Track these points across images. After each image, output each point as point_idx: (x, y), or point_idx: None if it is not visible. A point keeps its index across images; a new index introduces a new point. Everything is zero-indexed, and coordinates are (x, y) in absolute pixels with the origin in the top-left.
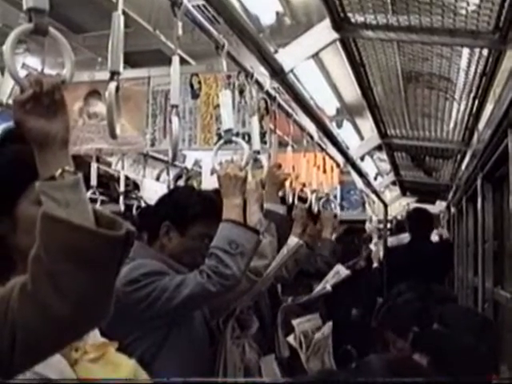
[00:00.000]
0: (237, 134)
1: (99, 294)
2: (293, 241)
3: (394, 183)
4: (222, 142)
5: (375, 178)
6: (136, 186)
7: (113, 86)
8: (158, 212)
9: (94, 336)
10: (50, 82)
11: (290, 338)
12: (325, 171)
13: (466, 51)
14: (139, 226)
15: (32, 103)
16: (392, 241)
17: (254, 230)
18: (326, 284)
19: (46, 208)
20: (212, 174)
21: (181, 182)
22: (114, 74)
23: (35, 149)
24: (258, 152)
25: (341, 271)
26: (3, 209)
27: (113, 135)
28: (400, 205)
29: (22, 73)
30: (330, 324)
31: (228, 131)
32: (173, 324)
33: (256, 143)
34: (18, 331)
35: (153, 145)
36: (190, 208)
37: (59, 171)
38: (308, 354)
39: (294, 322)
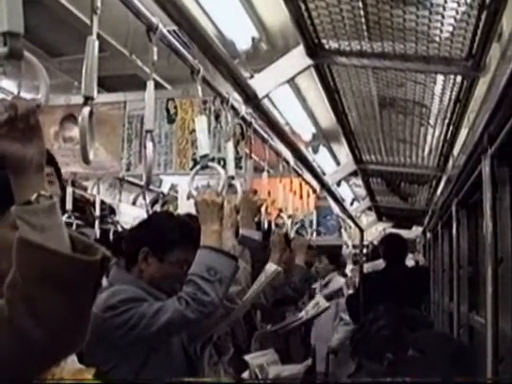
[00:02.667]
0: (212, 159)
1: (75, 319)
2: (271, 267)
3: (370, 208)
4: (198, 167)
5: (351, 204)
6: (112, 211)
7: (86, 111)
8: (137, 237)
9: (72, 362)
10: (25, 106)
11: (245, 374)
12: (301, 197)
13: (440, 77)
14: (117, 252)
15: (7, 127)
16: (368, 267)
17: (232, 256)
18: (307, 314)
19: (21, 232)
20: (188, 198)
21: (157, 207)
22: (88, 99)
23: (10, 173)
24: (233, 177)
25: (320, 303)
26: None
27: (86, 160)
28: (376, 230)
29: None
30: (306, 364)
31: (204, 157)
32: (151, 350)
33: (231, 169)
34: None
35: (128, 169)
36: (169, 234)
37: (35, 196)
38: None
39: (247, 357)
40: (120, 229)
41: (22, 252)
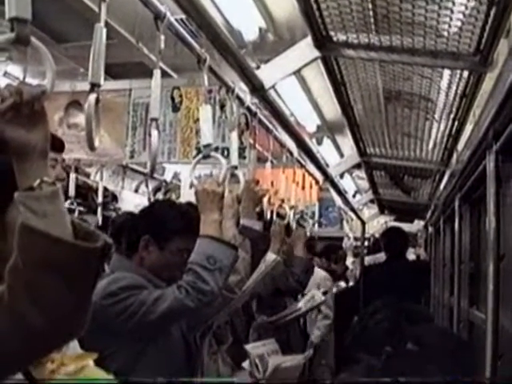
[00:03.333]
0: (216, 149)
1: (75, 305)
2: (271, 257)
3: (372, 201)
4: (200, 156)
5: (354, 196)
6: (114, 198)
7: (92, 98)
8: (138, 225)
9: (74, 348)
10: (31, 92)
11: (245, 364)
12: (304, 188)
13: (446, 72)
14: (118, 239)
15: (11, 113)
16: (369, 260)
17: (231, 245)
18: (302, 309)
19: (23, 218)
20: (191, 187)
21: (159, 195)
22: (95, 86)
23: (14, 159)
24: (236, 167)
25: (316, 296)
26: None
27: (91, 147)
28: (378, 223)
29: (4, 81)
30: (306, 355)
31: (207, 146)
32: (150, 338)
33: (234, 158)
34: None
35: (132, 157)
36: (170, 223)
37: (37, 182)
38: (266, 376)
39: (248, 347)
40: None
41: (23, 238)
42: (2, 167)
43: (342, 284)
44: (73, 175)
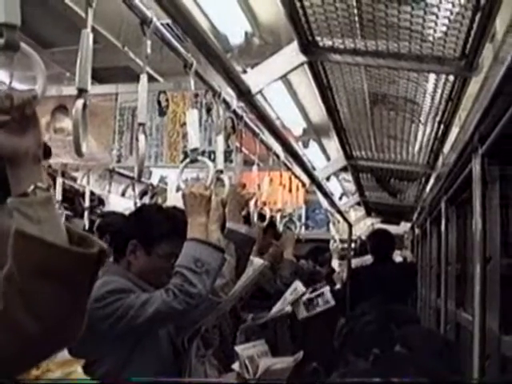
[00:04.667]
0: (203, 152)
1: (71, 312)
2: (258, 261)
3: (358, 203)
4: (187, 161)
5: (340, 198)
6: (101, 202)
7: (80, 103)
8: (126, 230)
9: (62, 354)
10: (21, 97)
11: (235, 365)
12: (290, 190)
13: (432, 76)
14: (101, 238)
15: (2, 119)
16: (355, 262)
17: (219, 248)
18: (284, 302)
19: (17, 225)
20: (178, 191)
21: (146, 199)
22: (82, 92)
23: (7, 165)
24: (221, 171)
25: (298, 288)
26: None
27: (78, 153)
28: (365, 225)
29: None
30: (296, 357)
31: (194, 150)
32: (137, 342)
33: (220, 162)
34: None
35: (119, 161)
36: (157, 227)
37: (31, 187)
38: (256, 377)
39: (238, 348)
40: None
41: (18, 244)
42: None
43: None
44: (59, 180)
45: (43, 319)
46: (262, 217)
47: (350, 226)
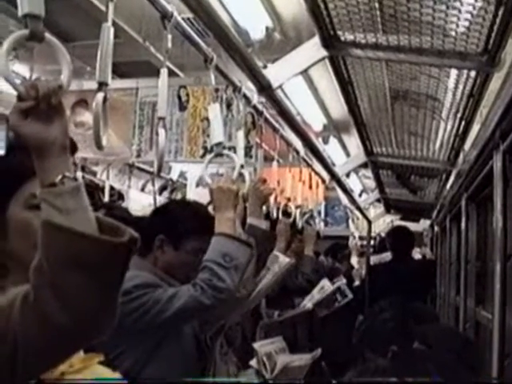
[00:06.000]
0: (223, 148)
1: (102, 302)
2: (284, 260)
3: (378, 200)
4: (212, 155)
5: (360, 195)
6: (121, 196)
7: (100, 97)
8: (153, 225)
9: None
10: (47, 86)
11: (253, 362)
12: (310, 187)
13: (454, 72)
14: None
15: (29, 109)
16: (374, 259)
17: (247, 243)
18: (312, 299)
19: (46, 216)
20: (197, 186)
21: (166, 194)
22: (102, 85)
23: (34, 155)
24: (242, 166)
25: (326, 286)
26: None
27: (99, 146)
28: (384, 222)
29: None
30: (314, 354)
31: (218, 144)
32: (162, 338)
33: (240, 157)
34: (20, 342)
35: (139, 156)
36: (185, 223)
37: (59, 177)
38: (274, 375)
39: (256, 345)
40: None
41: (46, 235)
42: (3, 164)
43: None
44: (79, 174)
45: (74, 311)
46: (285, 213)
47: (370, 222)
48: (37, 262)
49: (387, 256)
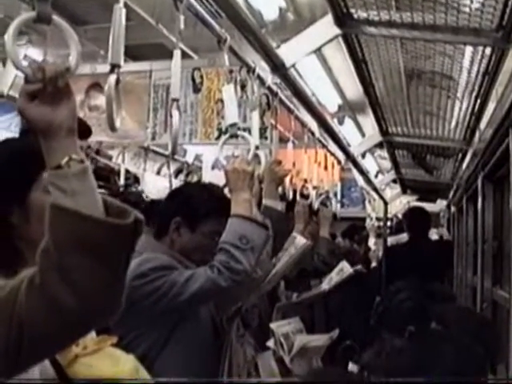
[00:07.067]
0: (238, 129)
1: (109, 284)
2: (301, 241)
3: (394, 181)
4: (227, 136)
5: (376, 176)
6: (136, 180)
7: (113, 78)
8: (169, 207)
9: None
10: (54, 69)
11: (270, 342)
12: (326, 168)
13: (468, 49)
14: (147, 221)
15: (36, 91)
16: (391, 240)
17: (263, 225)
18: (331, 281)
19: (53, 198)
20: (213, 168)
21: (181, 177)
22: (115, 67)
23: (41, 138)
24: (257, 147)
25: (345, 269)
26: (14, 199)
27: (112, 128)
28: (401, 203)
29: (24, 64)
30: (332, 335)
31: (233, 125)
32: (179, 320)
33: (255, 138)
34: (26, 324)
35: (153, 138)
36: (202, 205)
37: (65, 160)
38: (291, 355)
39: (273, 326)
40: (145, 198)
41: (53, 218)
42: (25, 149)
43: None
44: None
45: (81, 293)
46: (302, 195)
47: (386, 203)
48: (44, 245)
49: (404, 237)
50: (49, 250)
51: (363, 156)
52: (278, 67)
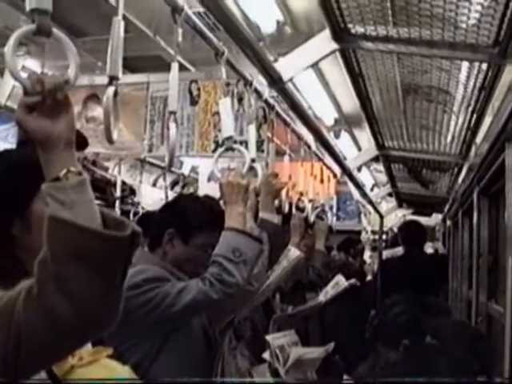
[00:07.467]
0: (234, 142)
1: (106, 296)
2: (294, 253)
3: (390, 194)
4: (222, 149)
5: (372, 189)
6: (132, 192)
7: (111, 90)
8: (163, 219)
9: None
10: (53, 81)
11: (266, 354)
12: (322, 181)
13: (465, 64)
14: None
15: (35, 104)
16: (387, 254)
17: (256, 238)
18: (326, 294)
19: (51, 210)
20: (209, 180)
21: (177, 189)
22: (113, 79)
23: (39, 150)
24: (254, 160)
25: (340, 282)
26: (14, 211)
27: (109, 140)
28: (396, 216)
29: (23, 75)
30: (327, 348)
31: (229, 138)
32: (171, 332)
33: (252, 151)
34: (23, 335)
35: (150, 150)
36: (196, 217)
37: (63, 172)
38: (287, 367)
39: (269, 338)
40: (140, 210)
41: (51, 230)
42: (26, 161)
43: None
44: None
45: (77, 304)
46: (298, 208)
47: (382, 217)
48: (42, 256)
49: (399, 250)
50: (46, 261)
51: (359, 169)
52: (275, 81)
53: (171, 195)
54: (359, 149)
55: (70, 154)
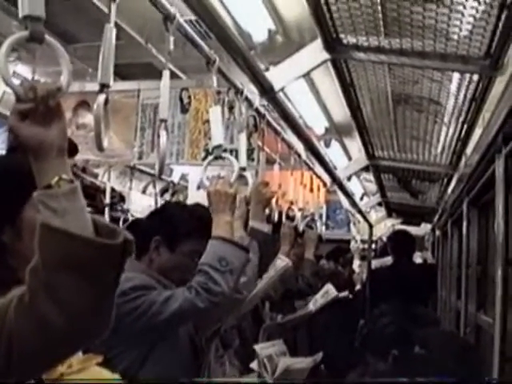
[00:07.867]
0: (224, 150)
1: (97, 305)
2: (281, 262)
3: (379, 204)
4: (211, 157)
5: (361, 199)
6: (122, 199)
7: (102, 98)
8: (149, 227)
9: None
10: (45, 88)
11: (254, 364)
12: (312, 190)
13: (456, 76)
14: None
15: (27, 111)
16: (376, 263)
17: (243, 247)
18: (315, 303)
19: (42, 217)
20: (199, 188)
21: (167, 196)
22: (104, 87)
23: (31, 157)
24: (244, 169)
25: (330, 291)
26: (6, 218)
27: (100, 148)
28: (385, 226)
29: (14, 81)
30: (315, 358)
31: (218, 147)
32: (157, 340)
33: (242, 160)
34: (15, 343)
35: (140, 158)
36: (182, 225)
37: (55, 179)
38: (275, 377)
39: (257, 347)
40: (130, 217)
41: (43, 237)
42: (17, 168)
43: None
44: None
45: (69, 312)
46: (288, 217)
47: (371, 226)
48: (33, 264)
49: (388, 260)
50: (38, 268)
51: (349, 179)
52: (266, 91)
53: (161, 202)
54: (349, 158)
55: (62, 161)
